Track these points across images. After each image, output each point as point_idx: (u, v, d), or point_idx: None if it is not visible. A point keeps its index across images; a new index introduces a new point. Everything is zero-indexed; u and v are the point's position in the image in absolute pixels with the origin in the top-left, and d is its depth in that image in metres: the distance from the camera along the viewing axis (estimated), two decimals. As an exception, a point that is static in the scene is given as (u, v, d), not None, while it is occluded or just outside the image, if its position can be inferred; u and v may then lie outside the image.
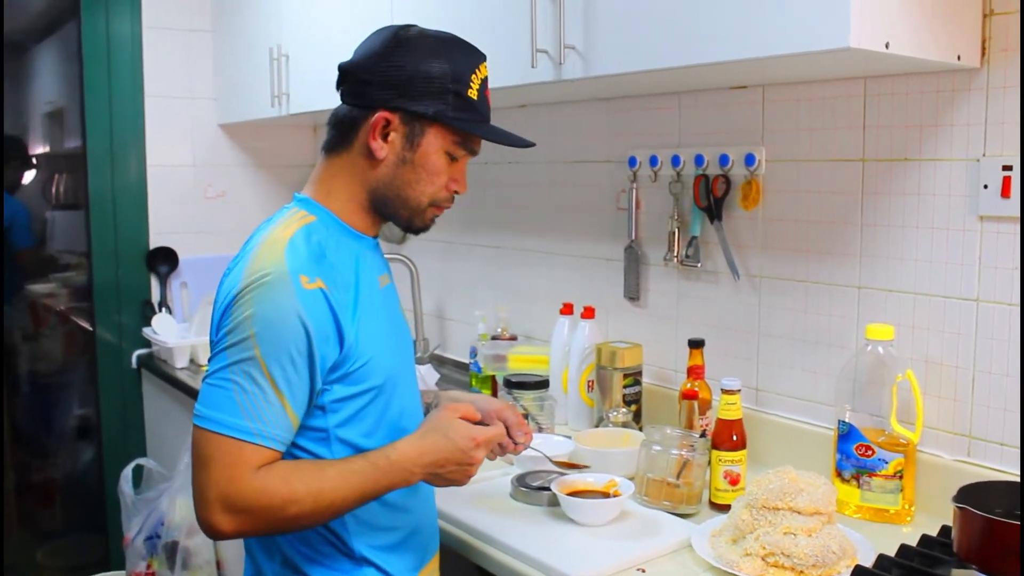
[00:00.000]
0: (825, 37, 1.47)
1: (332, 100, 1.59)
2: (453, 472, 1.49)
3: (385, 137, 1.46)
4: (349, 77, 1.50)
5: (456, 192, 1.54)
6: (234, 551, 2.85)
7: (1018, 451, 1.69)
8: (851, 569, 1.49)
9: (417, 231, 1.57)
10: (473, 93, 1.48)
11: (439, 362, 3.12)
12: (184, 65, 3.52)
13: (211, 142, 3.61)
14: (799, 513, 1.56)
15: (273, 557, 1.49)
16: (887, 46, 1.51)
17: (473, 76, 1.48)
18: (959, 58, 1.66)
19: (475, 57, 1.51)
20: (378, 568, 1.50)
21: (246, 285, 1.35)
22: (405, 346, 1.62)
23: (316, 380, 1.38)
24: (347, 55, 1.60)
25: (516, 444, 1.67)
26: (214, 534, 1.35)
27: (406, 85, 1.44)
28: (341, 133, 1.50)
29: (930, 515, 1.76)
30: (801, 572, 1.51)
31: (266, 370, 1.33)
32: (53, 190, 3.92)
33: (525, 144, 1.55)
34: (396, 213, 1.51)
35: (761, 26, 1.56)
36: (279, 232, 1.41)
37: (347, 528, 1.47)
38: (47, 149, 3.86)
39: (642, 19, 1.77)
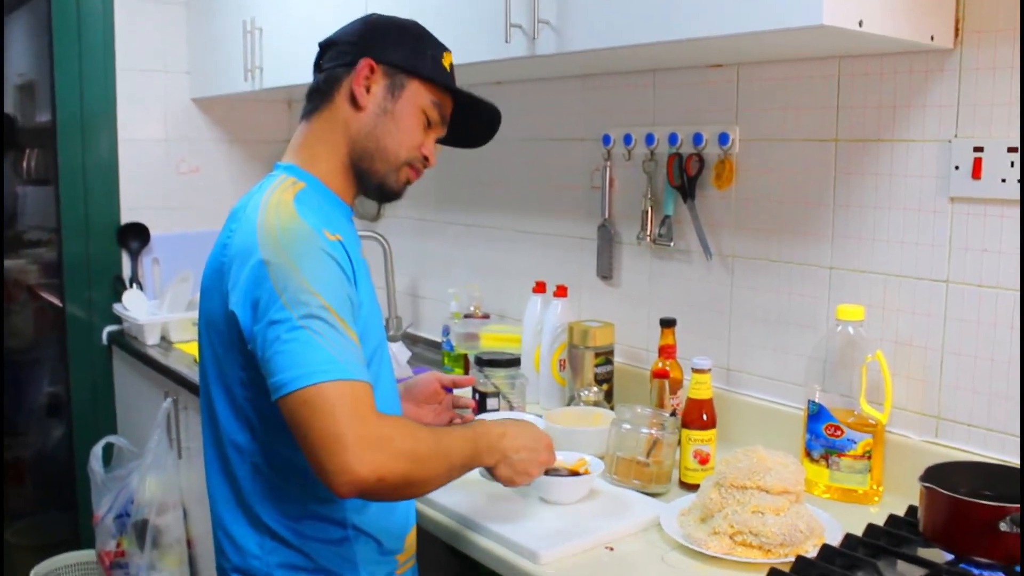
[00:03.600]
0: (798, 14, 1.46)
1: (306, 74, 1.58)
2: (524, 461, 1.52)
3: (367, 90, 1.50)
4: (328, 46, 1.56)
5: (426, 160, 1.58)
6: (204, 527, 2.84)
7: (985, 431, 1.70)
8: (818, 548, 1.49)
9: (389, 194, 1.58)
10: (447, 64, 1.58)
11: (411, 341, 3.10)
12: (157, 38, 3.46)
13: (184, 117, 3.57)
14: (767, 492, 1.56)
15: (262, 533, 1.46)
16: (860, 24, 1.50)
17: (446, 54, 1.58)
18: (932, 38, 1.65)
19: (442, 44, 1.60)
20: (369, 535, 1.50)
21: (275, 243, 1.33)
22: (381, 323, 1.62)
23: (358, 322, 1.39)
24: (321, 28, 1.61)
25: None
26: (357, 483, 1.25)
27: (390, 45, 1.52)
28: (322, 94, 1.54)
29: (898, 495, 1.76)
30: (768, 551, 1.51)
31: (335, 314, 1.30)
32: (24, 165, 3.88)
33: (492, 109, 1.65)
34: (372, 168, 1.53)
35: (735, 2, 1.55)
36: (278, 195, 1.42)
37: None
38: (19, 122, 3.81)
39: (616, -5, 1.75)
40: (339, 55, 1.53)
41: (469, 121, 1.65)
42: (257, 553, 1.47)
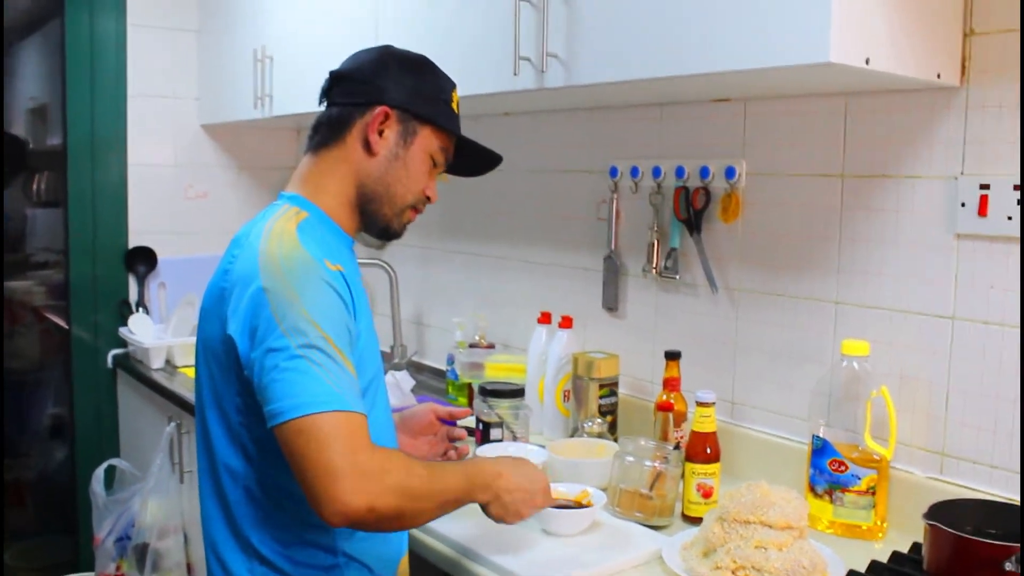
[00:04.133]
0: (805, 51, 1.47)
1: (316, 103, 1.59)
2: (516, 502, 1.51)
3: (380, 133, 1.51)
4: (343, 81, 1.56)
5: (429, 200, 1.61)
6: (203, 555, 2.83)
7: (990, 469, 1.70)
8: (821, 584, 1.49)
9: (391, 235, 1.61)
10: (455, 108, 1.61)
11: (416, 368, 3.10)
12: (168, 64, 3.50)
13: (193, 142, 3.59)
14: (771, 527, 1.55)
15: (251, 557, 1.46)
16: (867, 62, 1.51)
17: (454, 94, 1.61)
18: (939, 76, 1.66)
19: (450, 80, 1.62)
20: (361, 563, 1.50)
21: (277, 271, 1.34)
22: (379, 354, 1.62)
23: (355, 352, 1.40)
24: (330, 58, 1.61)
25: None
26: (349, 514, 1.26)
27: (404, 88, 1.53)
28: (332, 130, 1.54)
29: (902, 531, 1.75)
30: (771, 586, 1.50)
31: (333, 344, 1.31)
32: (34, 187, 3.90)
33: (495, 159, 1.69)
34: (379, 211, 1.55)
35: (743, 39, 1.56)
36: (282, 224, 1.42)
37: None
38: (30, 146, 3.83)
39: (625, 29, 1.77)
40: (352, 92, 1.54)
41: (471, 156, 1.68)
42: None
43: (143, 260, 3.44)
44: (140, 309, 3.39)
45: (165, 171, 3.53)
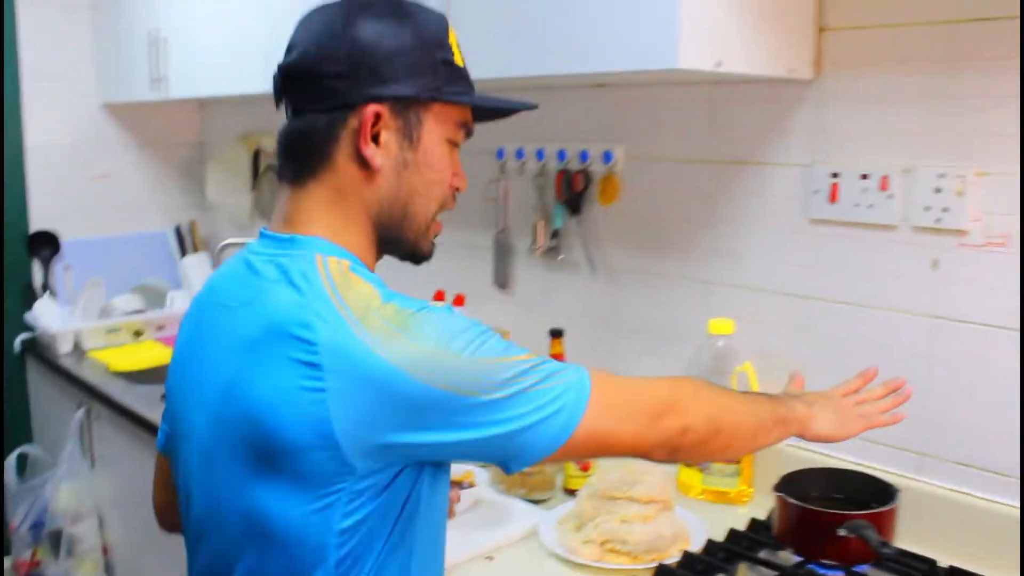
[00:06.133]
0: (654, 58, 1.55)
1: (212, 86, 1.55)
2: (850, 409, 1.39)
3: (376, 140, 1.13)
4: (300, 78, 1.14)
5: (458, 189, 1.24)
6: (120, 535, 2.88)
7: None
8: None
9: (421, 259, 1.27)
10: (459, 60, 1.19)
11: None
12: (64, 43, 3.43)
13: (93, 122, 3.55)
14: (636, 501, 1.67)
15: None
16: (718, 65, 1.60)
17: (450, 39, 1.18)
18: (792, 71, 1.76)
19: (440, 16, 1.20)
20: None
21: (408, 339, 1.04)
22: None
23: None
24: (225, 39, 1.46)
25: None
26: (668, 446, 1.17)
27: (385, 65, 1.12)
28: (312, 152, 1.15)
29: (767, 495, 1.87)
30: (636, 557, 1.62)
31: (516, 355, 1.08)
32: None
33: (529, 107, 1.31)
34: (401, 237, 1.20)
35: (602, 43, 1.64)
36: (353, 286, 1.08)
37: None
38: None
39: (500, 32, 1.83)
40: (323, 92, 1.13)
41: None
42: None
43: (47, 243, 3.41)
44: (46, 292, 3.38)
45: (65, 152, 3.48)
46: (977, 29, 1.58)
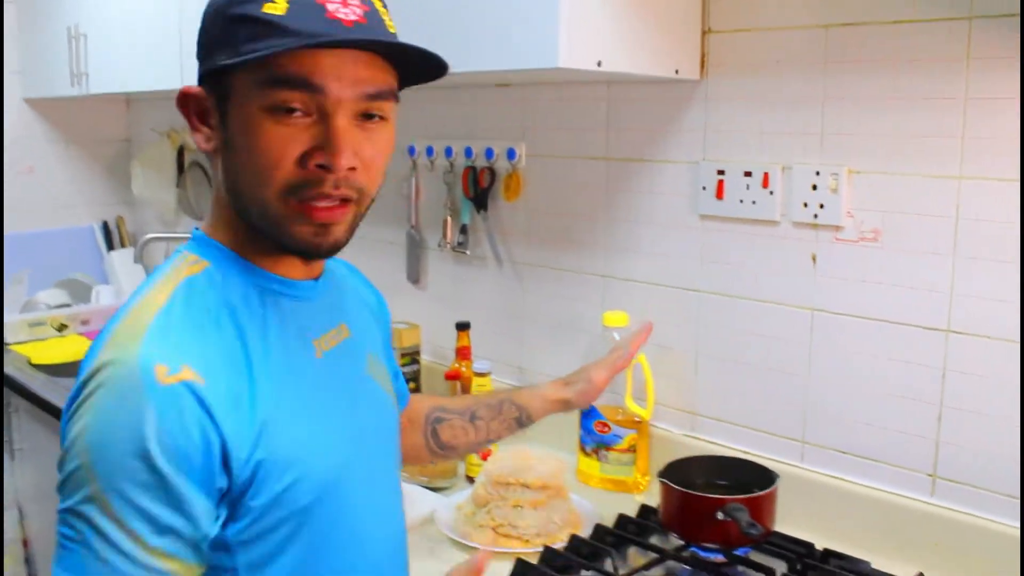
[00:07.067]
0: (537, 57, 1.60)
1: (132, 82, 1.55)
2: None
3: (204, 122, 1.05)
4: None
5: (323, 167, 0.99)
6: (41, 526, 2.88)
7: (731, 426, 1.90)
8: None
9: (303, 252, 1.07)
10: (276, 7, 0.97)
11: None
12: (-15, 36, 3.42)
13: (16, 116, 3.53)
14: (528, 487, 1.72)
15: None
16: (599, 64, 1.65)
17: None
18: (677, 72, 1.82)
19: None
20: None
21: (86, 379, 0.94)
22: (367, 425, 1.18)
23: (194, 508, 0.93)
24: (144, 35, 1.42)
25: None
26: None
27: (203, 40, 1.04)
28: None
29: (660, 483, 1.95)
30: (527, 541, 1.68)
31: (110, 511, 0.90)
32: None
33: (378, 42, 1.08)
34: (261, 227, 1.03)
35: (489, 44, 1.69)
36: (154, 295, 1.00)
37: None
38: None
39: (398, 30, 1.86)
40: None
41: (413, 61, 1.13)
42: None
43: (-32, 239, 3.39)
44: (-32, 288, 3.35)
45: (-13, 147, 3.47)
46: (848, 33, 1.65)
